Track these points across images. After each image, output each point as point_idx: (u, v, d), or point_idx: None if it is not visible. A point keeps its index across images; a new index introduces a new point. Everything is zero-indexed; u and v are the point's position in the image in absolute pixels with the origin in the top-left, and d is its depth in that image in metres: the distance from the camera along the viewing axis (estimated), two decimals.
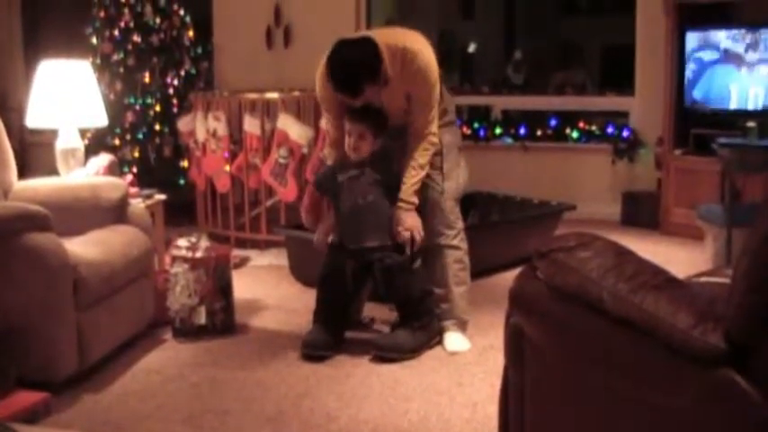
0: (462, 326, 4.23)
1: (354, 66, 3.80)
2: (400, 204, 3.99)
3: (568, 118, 7.85)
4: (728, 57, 6.34)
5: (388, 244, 4.00)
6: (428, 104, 4.00)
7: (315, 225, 4.30)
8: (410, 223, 3.98)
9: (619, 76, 8.40)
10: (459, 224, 4.24)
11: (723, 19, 6.48)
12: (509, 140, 7.81)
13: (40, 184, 4.29)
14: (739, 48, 6.27)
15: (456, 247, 4.19)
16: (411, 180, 4.00)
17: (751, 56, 6.23)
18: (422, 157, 4.01)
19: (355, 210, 4.02)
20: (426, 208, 4.11)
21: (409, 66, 3.89)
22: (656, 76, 6.91)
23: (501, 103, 8.27)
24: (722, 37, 6.34)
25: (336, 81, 3.85)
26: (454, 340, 4.14)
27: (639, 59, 7.44)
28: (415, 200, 4.01)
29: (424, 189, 4.09)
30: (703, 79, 6.46)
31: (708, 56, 6.44)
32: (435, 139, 4.05)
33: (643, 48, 7.37)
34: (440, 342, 4.14)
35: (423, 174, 4.03)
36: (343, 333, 4.16)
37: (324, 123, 5.88)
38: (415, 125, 4.02)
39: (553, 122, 7.78)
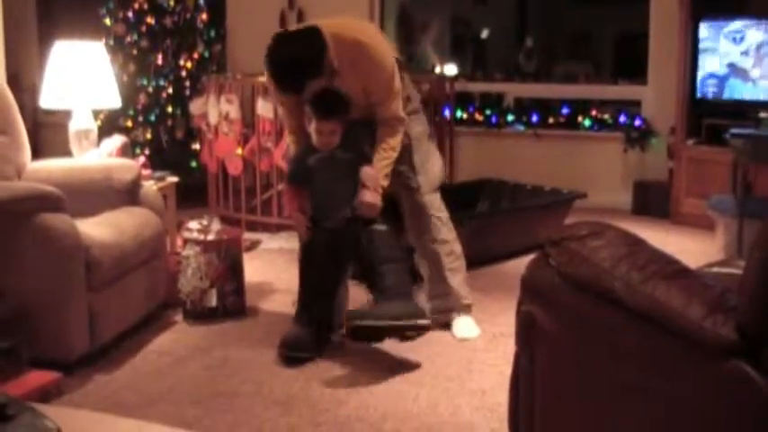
0: (466, 310, 4.19)
1: (295, 62, 3.59)
2: (368, 181, 3.74)
3: (581, 106, 7.83)
4: (736, 72, 6.43)
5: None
6: (390, 92, 3.80)
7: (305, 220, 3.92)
8: (369, 202, 3.72)
9: (631, 64, 8.36)
10: (443, 214, 4.10)
11: (737, 9, 6.45)
12: (521, 128, 7.80)
13: (53, 165, 4.31)
14: (746, 63, 6.36)
15: (444, 241, 4.09)
16: (381, 162, 3.80)
17: (755, 72, 6.34)
18: (392, 137, 3.83)
19: (327, 189, 3.81)
20: (405, 208, 4.01)
21: (361, 58, 3.71)
22: (670, 65, 6.89)
23: (513, 90, 8.25)
24: (731, 50, 6.40)
25: (278, 80, 3.69)
26: (463, 326, 4.12)
27: (653, 48, 7.41)
28: (384, 183, 3.80)
29: (398, 188, 3.96)
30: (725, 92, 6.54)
31: (721, 71, 6.52)
32: (404, 120, 3.87)
33: (656, 37, 7.35)
34: (448, 327, 4.12)
35: (394, 155, 3.84)
36: (328, 332, 3.95)
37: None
38: (380, 117, 3.83)
39: (565, 110, 7.77)
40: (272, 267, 5.36)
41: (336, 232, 3.80)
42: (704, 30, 6.52)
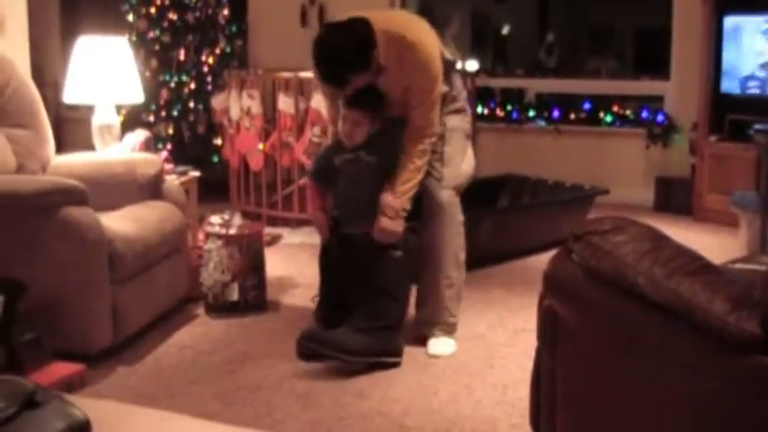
0: (449, 329, 3.93)
1: (340, 54, 3.48)
2: (387, 211, 3.63)
3: (602, 102, 7.81)
4: None
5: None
6: (428, 100, 3.67)
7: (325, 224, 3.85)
8: (386, 228, 3.63)
9: (653, 59, 8.34)
10: (458, 216, 3.88)
11: (762, 3, 6.40)
12: (542, 123, 7.79)
13: (76, 160, 4.34)
14: None
15: (451, 244, 3.85)
16: (406, 185, 3.66)
17: None
18: (419, 158, 3.68)
19: (350, 193, 3.74)
20: (423, 200, 3.79)
21: (407, 57, 3.58)
22: (692, 60, 6.85)
23: (534, 85, 8.24)
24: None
25: (321, 71, 3.56)
26: (436, 344, 3.87)
27: (675, 43, 7.37)
28: (407, 206, 3.68)
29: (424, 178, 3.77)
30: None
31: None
32: (434, 140, 3.74)
33: (679, 31, 7.30)
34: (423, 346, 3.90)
35: (419, 177, 3.69)
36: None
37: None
38: (412, 122, 3.68)
39: (587, 106, 7.75)
40: (294, 262, 5.37)
41: (355, 241, 3.72)
42: (730, 24, 6.48)
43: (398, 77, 3.62)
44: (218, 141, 7.26)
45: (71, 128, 8.07)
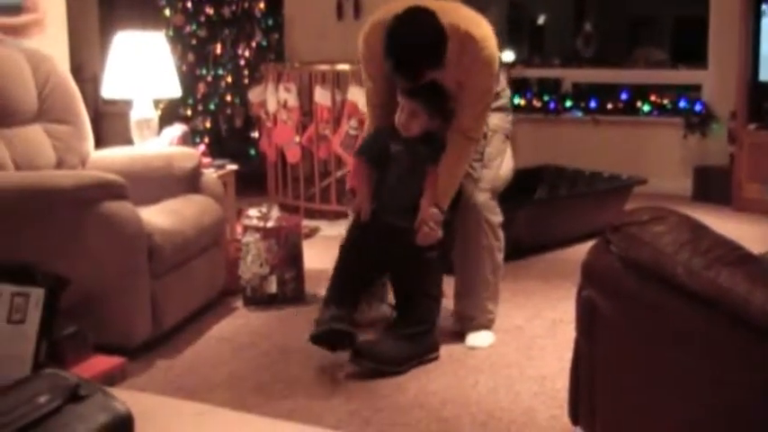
0: (487, 324, 3.91)
1: (419, 52, 3.37)
2: (429, 222, 3.57)
3: (640, 91, 7.75)
4: None
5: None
6: (481, 101, 3.60)
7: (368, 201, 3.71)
8: (427, 233, 3.57)
9: (691, 48, 8.25)
10: (495, 219, 3.82)
11: None
12: (579, 114, 7.74)
13: (115, 154, 4.38)
14: None
15: (488, 247, 3.80)
16: (447, 193, 3.62)
17: None
18: (461, 166, 3.64)
19: (399, 187, 3.64)
20: (458, 198, 3.72)
21: (469, 54, 3.47)
22: (731, 48, 6.78)
23: (571, 75, 8.19)
24: None
25: (397, 63, 3.39)
26: (474, 336, 3.85)
27: (713, 31, 7.30)
28: (446, 207, 3.62)
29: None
30: None
31: None
32: (479, 142, 3.70)
33: (717, 19, 7.23)
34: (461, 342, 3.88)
35: (459, 181, 3.66)
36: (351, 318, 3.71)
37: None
38: (459, 122, 3.59)
39: (624, 96, 7.69)
40: (331, 254, 5.30)
41: (395, 234, 3.63)
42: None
43: (455, 72, 3.52)
44: (256, 134, 7.29)
45: (109, 122, 8.15)
